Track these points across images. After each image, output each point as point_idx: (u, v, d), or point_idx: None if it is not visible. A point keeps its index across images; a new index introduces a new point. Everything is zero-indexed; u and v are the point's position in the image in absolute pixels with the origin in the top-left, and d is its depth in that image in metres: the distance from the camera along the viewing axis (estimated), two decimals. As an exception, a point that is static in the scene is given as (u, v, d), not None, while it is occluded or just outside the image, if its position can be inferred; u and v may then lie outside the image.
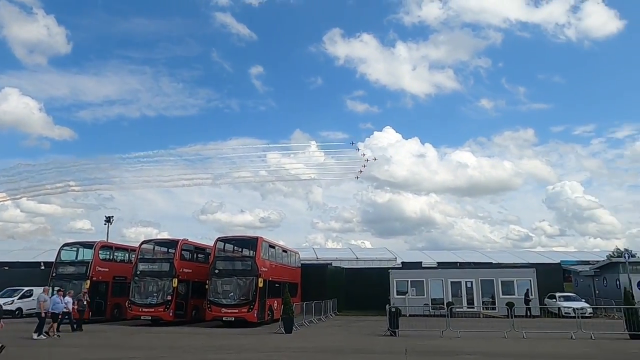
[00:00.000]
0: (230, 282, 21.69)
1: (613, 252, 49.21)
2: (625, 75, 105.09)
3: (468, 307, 28.20)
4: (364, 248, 61.86)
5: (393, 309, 18.36)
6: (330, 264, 36.71)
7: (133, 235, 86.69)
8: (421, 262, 40.16)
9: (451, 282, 29.57)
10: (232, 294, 21.47)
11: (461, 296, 29.25)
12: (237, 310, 21.04)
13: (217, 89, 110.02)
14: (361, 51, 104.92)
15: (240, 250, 24.31)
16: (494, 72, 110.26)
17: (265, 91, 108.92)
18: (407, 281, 30.12)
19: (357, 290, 32.96)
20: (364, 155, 45.72)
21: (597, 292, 32.73)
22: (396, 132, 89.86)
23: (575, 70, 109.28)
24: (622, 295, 17.95)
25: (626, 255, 31.39)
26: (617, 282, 29.66)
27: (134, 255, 24.41)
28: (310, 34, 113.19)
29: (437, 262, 44.24)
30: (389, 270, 31.62)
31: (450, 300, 28.34)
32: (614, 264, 31.91)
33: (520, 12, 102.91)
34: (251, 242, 23.15)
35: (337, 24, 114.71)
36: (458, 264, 44.04)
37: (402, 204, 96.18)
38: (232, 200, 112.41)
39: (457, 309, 26.76)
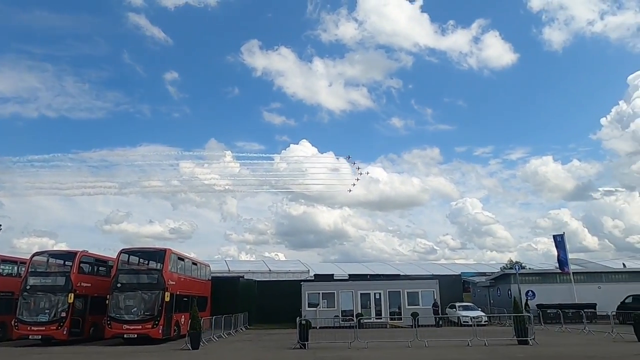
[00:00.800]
0: (134, 296, 20.47)
1: (506, 265, 53.54)
2: (518, 103, 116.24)
3: (376, 318, 29.11)
4: (277, 260, 61.67)
5: (303, 322, 18.42)
6: (243, 277, 36.11)
7: (25, 246, 79.38)
8: (333, 275, 40.76)
9: (361, 293, 30.41)
10: (135, 309, 20.25)
11: (370, 307, 30.16)
12: (140, 327, 19.88)
13: (127, 92, 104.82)
14: (279, 64, 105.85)
15: (146, 262, 23.08)
16: (404, 93, 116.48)
17: (180, 98, 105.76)
18: (319, 293, 30.51)
19: (269, 303, 32.74)
20: (358, 169, 47.31)
21: (491, 301, 35.37)
22: (312, 145, 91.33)
23: (476, 96, 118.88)
24: (512, 303, 19.53)
25: (517, 267, 34.26)
26: (509, 292, 32.26)
27: (23, 269, 22.22)
28: (228, 43, 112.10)
29: (349, 274, 45.13)
30: (301, 283, 31.81)
31: (360, 312, 29.15)
32: (506, 275, 34.77)
33: (429, 39, 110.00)
34: (158, 254, 22.08)
35: (256, 36, 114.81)
36: (368, 276, 45.23)
37: (316, 217, 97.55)
38: (140, 210, 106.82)
39: (366, 320, 27.53)
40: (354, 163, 48.80)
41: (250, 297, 32.89)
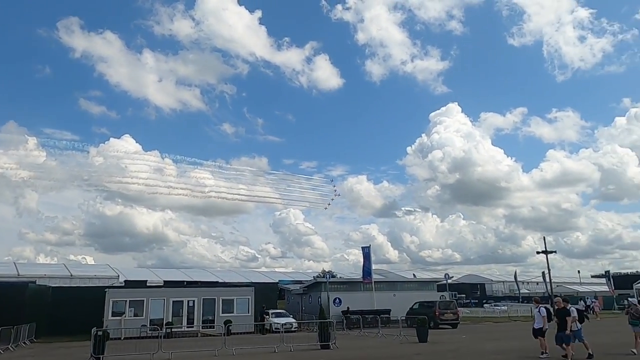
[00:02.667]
0: None
1: (320, 273, 56.98)
2: (341, 124, 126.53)
3: (188, 327, 27.97)
4: (83, 264, 55.36)
5: (100, 332, 16.64)
6: (34, 282, 31.35)
7: None
8: (147, 281, 38.16)
9: (173, 301, 28.91)
10: None
11: (182, 315, 28.87)
12: None
13: None
14: (102, 49, 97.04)
15: None
16: (238, 100, 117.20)
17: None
18: (126, 301, 28.07)
19: (65, 312, 28.80)
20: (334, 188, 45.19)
21: (303, 308, 37.05)
22: (136, 142, 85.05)
23: (305, 112, 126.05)
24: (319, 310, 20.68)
25: (327, 275, 36.63)
26: (319, 299, 34.19)
27: None
28: (41, 15, 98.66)
29: (164, 281, 42.83)
30: (106, 289, 28.88)
31: (170, 320, 27.70)
32: (318, 283, 36.89)
33: (265, 51, 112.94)
34: None
35: (77, 13, 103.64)
36: (185, 282, 43.60)
37: (134, 219, 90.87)
38: None
39: (176, 329, 26.24)
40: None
41: (42, 305, 28.66)
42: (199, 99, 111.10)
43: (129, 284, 33.44)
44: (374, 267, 37.70)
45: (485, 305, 52.35)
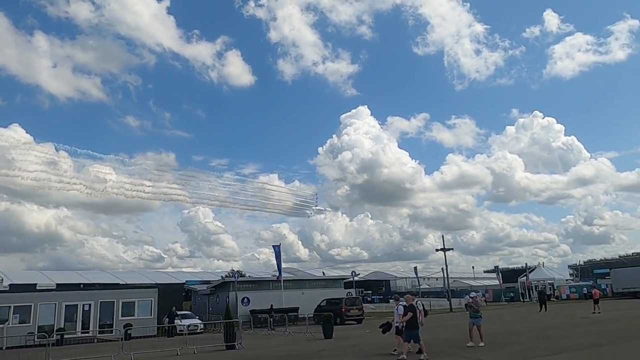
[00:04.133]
0: None
1: (229, 273, 56.05)
2: (253, 122, 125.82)
3: (82, 332, 26.13)
4: (-41, 268, 49.53)
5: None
6: None
7: None
8: (36, 284, 35.06)
9: (66, 305, 26.85)
10: None
11: (76, 321, 26.90)
12: None
13: None
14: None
15: None
16: (143, 92, 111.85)
17: None
18: (9, 307, 25.55)
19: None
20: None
21: (210, 309, 36.23)
22: (26, 132, 77.60)
23: (216, 108, 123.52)
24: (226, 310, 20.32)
25: (236, 275, 36.14)
26: (227, 299, 33.63)
27: None
28: None
29: (57, 284, 39.59)
30: (-14, 295, 26.13)
31: (63, 326, 25.71)
32: (226, 283, 36.28)
33: (174, 43, 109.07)
34: None
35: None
36: (82, 285, 40.70)
37: (22, 216, 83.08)
38: None
39: (69, 335, 24.41)
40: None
41: None
42: (100, 88, 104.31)
43: (15, 287, 30.58)
44: (284, 265, 37.91)
45: (389, 300, 54.82)
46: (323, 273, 62.61)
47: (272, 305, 32.42)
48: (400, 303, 13.84)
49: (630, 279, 50.79)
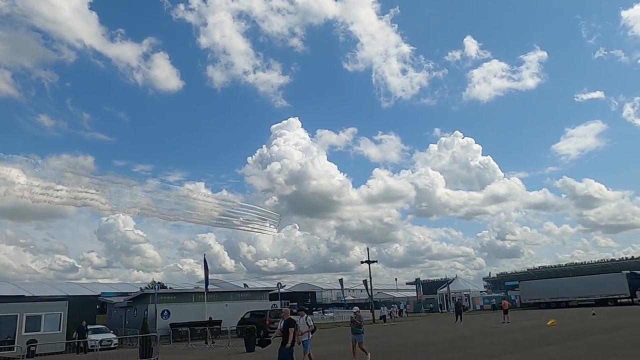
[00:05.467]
0: None
1: (149, 284, 53.57)
2: (180, 128, 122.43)
3: (-23, 350, 23.66)
4: None
5: None
6: None
7: None
8: None
9: (-42, 320, 24.26)
10: None
11: (-30, 338, 24.34)
12: None
13: None
14: None
15: None
16: (60, 90, 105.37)
17: None
18: None
19: None
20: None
21: (127, 322, 34.34)
22: None
23: (140, 112, 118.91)
24: (143, 324, 19.37)
25: (156, 286, 34.62)
26: (146, 312, 32.08)
27: None
28: None
29: (-50, 297, 35.73)
30: None
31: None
32: (145, 295, 34.61)
33: (96, 40, 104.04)
34: None
35: None
36: (-21, 298, 37.02)
37: None
38: None
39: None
40: None
41: None
42: (10, 83, 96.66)
43: None
44: (210, 276, 36.87)
45: (314, 312, 54.95)
46: (245, 285, 61.64)
47: (210, 318, 31.25)
48: (301, 317, 12.76)
49: (537, 290, 54.92)
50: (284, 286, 55.17)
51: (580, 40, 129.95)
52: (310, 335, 12.92)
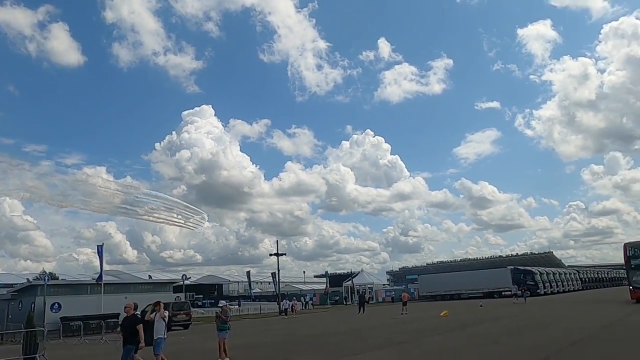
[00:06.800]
0: None
1: (38, 275, 49.36)
2: (80, 108, 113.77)
3: None
4: None
5: None
6: None
7: None
8: None
9: None
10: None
11: None
12: None
13: None
14: None
15: None
16: None
17: None
18: None
19: None
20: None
21: (10, 316, 31.34)
22: None
23: (33, 87, 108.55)
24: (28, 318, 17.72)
25: (46, 277, 31.93)
26: (33, 305, 29.47)
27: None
28: None
29: None
30: None
31: None
32: (33, 287, 31.81)
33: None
34: None
35: None
36: None
37: None
38: None
39: None
40: None
41: None
42: None
43: None
44: (110, 267, 34.78)
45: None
46: (149, 276, 59.04)
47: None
48: (157, 312, 11.47)
49: (433, 284, 58.73)
50: (189, 278, 53.70)
51: (482, 52, 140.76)
52: (166, 334, 11.69)
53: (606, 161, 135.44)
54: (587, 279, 68.65)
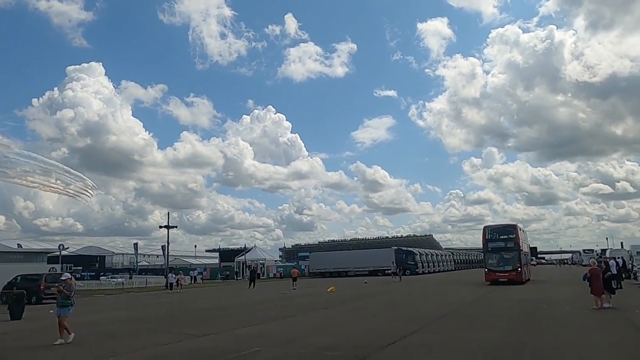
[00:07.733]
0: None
1: None
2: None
3: None
4: None
5: None
6: None
7: None
8: None
9: None
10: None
11: None
12: None
13: None
14: None
15: None
16: None
17: None
18: None
19: None
20: None
21: None
22: None
23: None
24: None
25: None
26: None
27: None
28: None
29: None
30: None
31: None
32: None
33: None
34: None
35: None
36: None
37: None
38: None
39: None
40: None
41: None
42: None
43: None
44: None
45: (102, 277, 51.03)
46: (19, 245, 53.71)
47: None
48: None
49: (323, 261, 61.04)
50: (67, 248, 49.81)
51: (384, 41, 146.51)
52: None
53: (484, 155, 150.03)
54: (460, 260, 76.10)
